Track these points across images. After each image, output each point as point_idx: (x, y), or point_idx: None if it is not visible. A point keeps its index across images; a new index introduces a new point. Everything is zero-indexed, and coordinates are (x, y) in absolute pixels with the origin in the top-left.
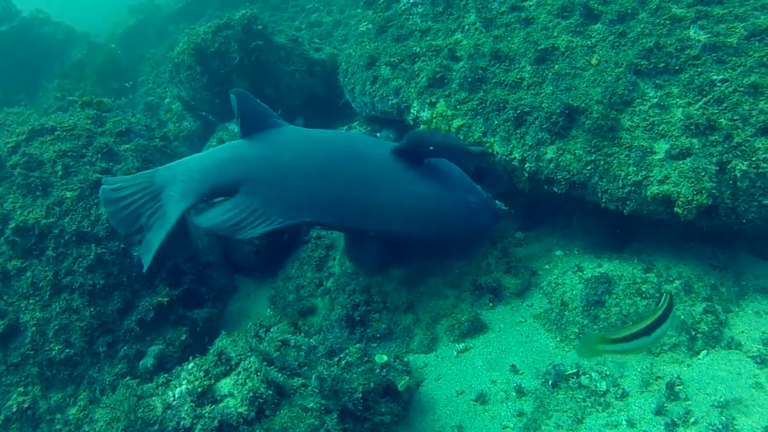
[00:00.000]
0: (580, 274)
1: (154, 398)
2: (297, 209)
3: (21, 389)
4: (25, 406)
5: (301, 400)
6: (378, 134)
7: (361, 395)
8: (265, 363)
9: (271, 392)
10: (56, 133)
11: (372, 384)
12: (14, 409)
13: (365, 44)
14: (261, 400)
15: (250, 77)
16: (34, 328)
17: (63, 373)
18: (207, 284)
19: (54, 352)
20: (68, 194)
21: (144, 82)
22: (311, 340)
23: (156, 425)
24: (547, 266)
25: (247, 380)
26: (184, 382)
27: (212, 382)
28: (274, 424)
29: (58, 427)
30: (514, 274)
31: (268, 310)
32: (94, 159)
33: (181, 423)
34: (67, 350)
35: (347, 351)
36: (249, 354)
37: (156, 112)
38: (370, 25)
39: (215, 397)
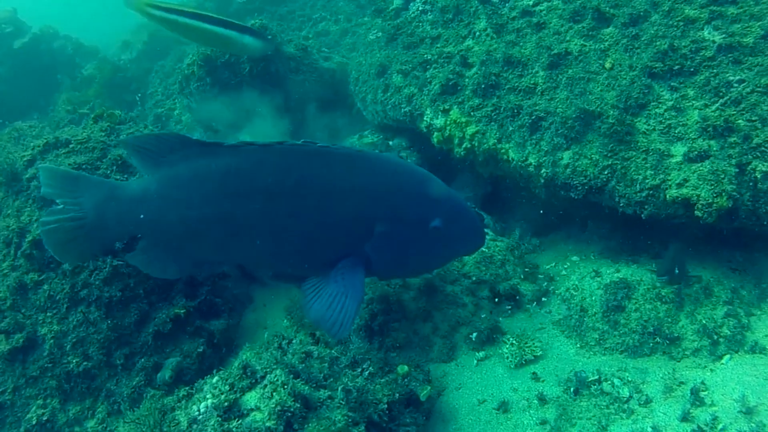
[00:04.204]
0: (599, 279)
1: (177, 412)
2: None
3: (40, 402)
4: (45, 418)
5: (329, 413)
6: (390, 143)
7: (386, 406)
8: (291, 376)
9: (298, 405)
10: (71, 146)
11: (396, 395)
12: (34, 422)
13: (375, 52)
14: (289, 414)
15: (260, 87)
16: (51, 341)
17: (81, 385)
18: (222, 295)
19: (72, 365)
20: None
21: (153, 94)
22: (333, 351)
23: None
24: (564, 272)
25: (274, 393)
26: (209, 396)
27: (238, 395)
28: None
29: None
30: (532, 280)
31: (285, 321)
32: (108, 171)
33: None
34: (84, 363)
35: (369, 361)
36: (275, 366)
37: (166, 123)
38: (380, 33)
39: (241, 411)
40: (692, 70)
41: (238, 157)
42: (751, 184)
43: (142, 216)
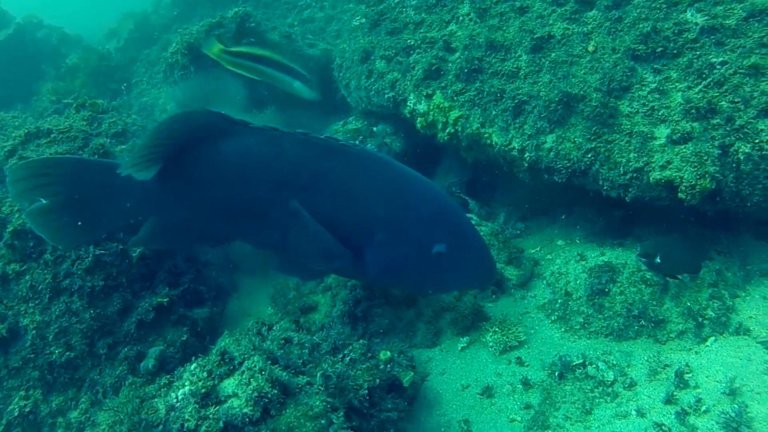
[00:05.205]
0: (583, 263)
1: (156, 400)
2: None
3: (22, 393)
4: (27, 410)
5: (307, 399)
6: (375, 129)
7: (366, 392)
8: (269, 362)
9: (276, 391)
10: (52, 135)
11: (377, 380)
12: (16, 414)
13: (359, 38)
14: (266, 400)
15: (244, 76)
16: (34, 331)
17: (64, 376)
18: (206, 283)
19: (54, 356)
20: None
21: (138, 83)
22: (314, 338)
23: (159, 427)
24: (549, 256)
25: (252, 380)
26: (187, 383)
27: (216, 382)
28: (280, 423)
29: (60, 431)
30: (517, 265)
31: (269, 308)
32: None
33: (186, 425)
34: (67, 353)
35: (351, 347)
36: (252, 353)
37: (151, 112)
38: (364, 20)
39: (219, 397)
40: (675, 52)
41: (259, 140)
42: (734, 165)
43: (150, 199)
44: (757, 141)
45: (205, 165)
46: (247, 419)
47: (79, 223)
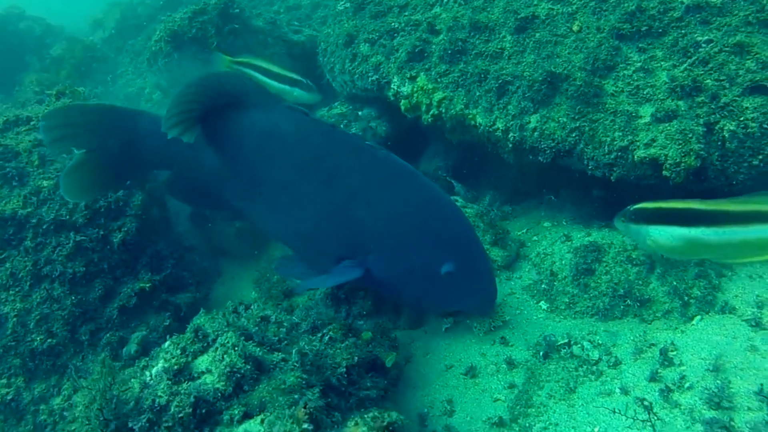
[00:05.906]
0: (569, 243)
1: (132, 380)
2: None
3: (4, 381)
4: (9, 397)
5: (282, 375)
6: (360, 113)
7: (345, 370)
8: (242, 338)
9: (249, 367)
10: (32, 123)
11: (356, 358)
12: None
13: (343, 23)
14: (239, 375)
15: None
16: (15, 319)
17: (46, 363)
18: (190, 269)
19: (36, 343)
20: (45, 183)
21: (123, 73)
22: (293, 317)
23: (132, 403)
24: (535, 237)
25: (225, 356)
26: (161, 361)
27: (189, 359)
28: (253, 398)
29: (42, 417)
30: (502, 246)
31: (253, 293)
32: None
33: (157, 401)
34: (49, 340)
35: (331, 327)
36: (226, 329)
37: (136, 102)
38: (348, 4)
39: (192, 374)
40: (660, 31)
41: (286, 121)
42: (719, 143)
43: (170, 153)
44: (742, 119)
45: (228, 131)
46: (219, 394)
47: (108, 174)
